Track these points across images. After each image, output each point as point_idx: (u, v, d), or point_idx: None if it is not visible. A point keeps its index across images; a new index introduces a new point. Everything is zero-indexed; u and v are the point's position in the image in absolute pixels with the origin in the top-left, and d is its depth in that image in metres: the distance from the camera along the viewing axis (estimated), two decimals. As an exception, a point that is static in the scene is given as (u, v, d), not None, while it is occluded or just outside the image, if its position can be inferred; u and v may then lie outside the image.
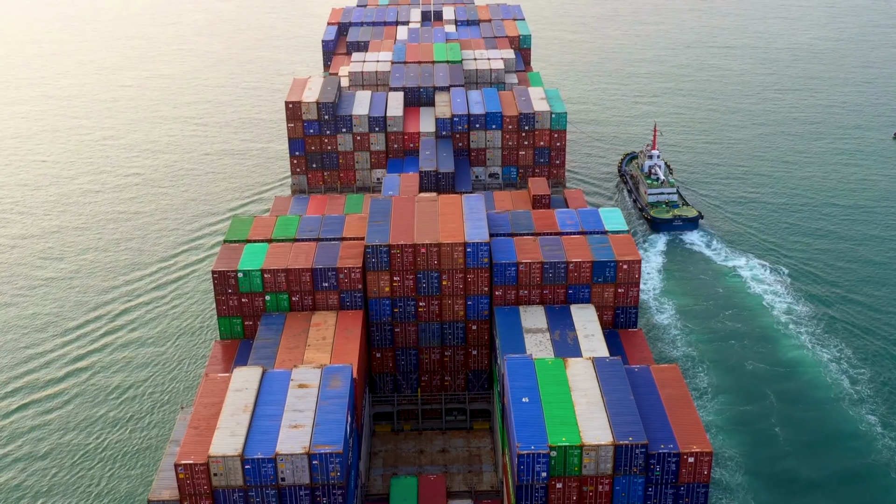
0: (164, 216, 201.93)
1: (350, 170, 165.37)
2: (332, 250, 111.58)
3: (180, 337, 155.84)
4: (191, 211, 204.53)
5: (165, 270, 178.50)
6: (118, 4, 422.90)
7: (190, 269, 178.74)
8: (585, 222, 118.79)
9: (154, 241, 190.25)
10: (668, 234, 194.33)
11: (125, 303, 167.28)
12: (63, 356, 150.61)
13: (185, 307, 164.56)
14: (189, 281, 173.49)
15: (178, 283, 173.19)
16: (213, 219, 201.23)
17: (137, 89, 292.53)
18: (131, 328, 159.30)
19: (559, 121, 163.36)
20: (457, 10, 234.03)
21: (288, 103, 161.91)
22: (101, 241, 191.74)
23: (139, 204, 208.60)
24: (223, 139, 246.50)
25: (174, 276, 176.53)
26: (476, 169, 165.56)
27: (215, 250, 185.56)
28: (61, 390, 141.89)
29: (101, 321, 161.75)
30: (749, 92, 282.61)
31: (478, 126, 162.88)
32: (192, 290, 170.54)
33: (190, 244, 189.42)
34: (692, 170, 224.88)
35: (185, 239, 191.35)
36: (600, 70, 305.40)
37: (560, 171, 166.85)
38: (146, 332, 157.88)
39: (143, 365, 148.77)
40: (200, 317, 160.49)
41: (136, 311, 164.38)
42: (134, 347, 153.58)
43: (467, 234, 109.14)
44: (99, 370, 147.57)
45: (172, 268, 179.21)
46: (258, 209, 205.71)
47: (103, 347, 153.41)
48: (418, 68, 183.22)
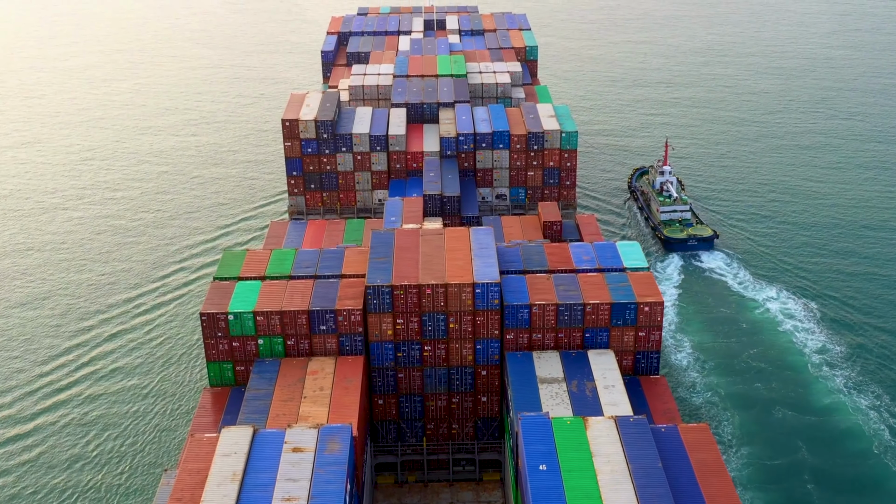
0: (153, 233, 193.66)
1: (350, 190, 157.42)
2: (331, 290, 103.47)
3: (166, 382, 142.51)
4: (182, 228, 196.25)
5: (154, 293, 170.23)
6: (107, 11, 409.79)
7: (180, 292, 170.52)
8: (602, 258, 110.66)
9: (141, 262, 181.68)
10: (683, 254, 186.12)
11: (106, 332, 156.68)
12: (32, 395, 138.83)
13: (173, 341, 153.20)
14: (179, 306, 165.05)
15: (167, 308, 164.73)
16: (208, 235, 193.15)
17: (127, 100, 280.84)
18: (112, 365, 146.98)
19: (570, 140, 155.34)
20: (460, 19, 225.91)
21: (285, 121, 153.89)
22: (83, 259, 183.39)
23: (125, 220, 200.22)
24: (217, 153, 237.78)
25: (164, 298, 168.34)
26: (482, 190, 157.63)
27: (208, 271, 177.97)
28: (23, 448, 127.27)
29: (80, 351, 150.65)
30: (762, 103, 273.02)
31: (484, 145, 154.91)
32: (182, 316, 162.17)
33: (181, 263, 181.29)
34: (704, 185, 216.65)
35: (176, 258, 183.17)
36: (607, 80, 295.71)
37: (570, 192, 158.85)
38: (128, 371, 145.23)
39: (124, 415, 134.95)
40: (188, 353, 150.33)
41: (117, 343, 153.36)
42: (112, 394, 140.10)
43: (476, 273, 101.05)
44: (71, 421, 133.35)
45: (161, 291, 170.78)
46: (254, 226, 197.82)
47: (77, 393, 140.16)
48: (421, 83, 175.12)
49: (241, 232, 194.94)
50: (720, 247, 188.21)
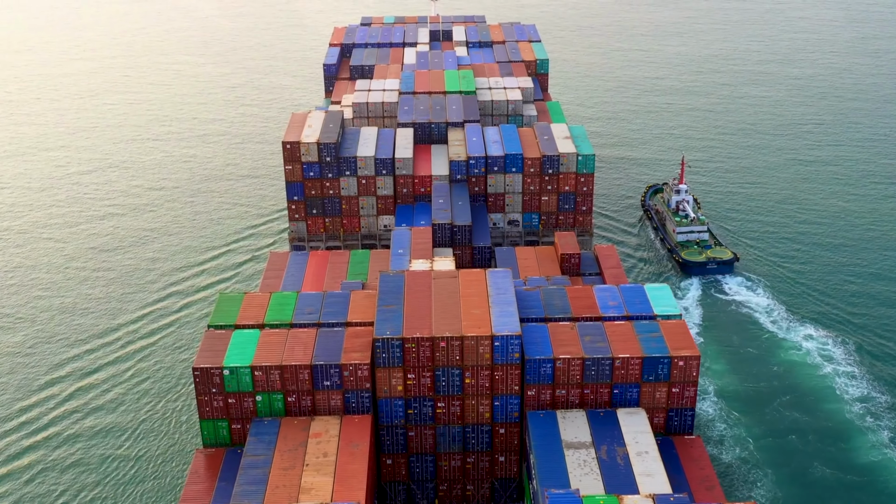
0: (145, 256, 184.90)
1: (354, 216, 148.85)
2: (335, 340, 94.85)
3: (152, 438, 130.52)
4: (177, 249, 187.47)
5: (146, 319, 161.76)
6: (99, 19, 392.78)
7: (172, 319, 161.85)
8: (630, 303, 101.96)
9: (132, 286, 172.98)
10: (702, 278, 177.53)
11: (86, 368, 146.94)
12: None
13: (161, 383, 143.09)
14: (170, 338, 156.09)
15: (156, 341, 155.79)
16: (204, 255, 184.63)
17: (118, 115, 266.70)
18: (93, 412, 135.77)
19: (586, 163, 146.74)
20: (468, 30, 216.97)
21: (286, 144, 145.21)
22: (69, 280, 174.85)
23: (115, 239, 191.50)
24: (213, 169, 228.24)
25: (156, 325, 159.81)
26: (494, 216, 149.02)
27: (203, 295, 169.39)
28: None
29: (44, 408, 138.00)
30: (781, 116, 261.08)
31: (496, 169, 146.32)
32: (172, 349, 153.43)
33: (173, 287, 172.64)
34: (720, 204, 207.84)
35: (168, 281, 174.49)
36: (616, 91, 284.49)
37: (587, 218, 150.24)
38: (110, 426, 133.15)
39: (106, 478, 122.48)
40: (177, 390, 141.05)
41: (100, 384, 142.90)
42: (92, 448, 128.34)
43: (495, 324, 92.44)
44: (43, 478, 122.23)
45: (152, 317, 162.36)
46: (252, 246, 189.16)
47: (52, 437, 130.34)
48: (429, 100, 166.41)
49: (240, 252, 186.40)
50: (741, 270, 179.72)
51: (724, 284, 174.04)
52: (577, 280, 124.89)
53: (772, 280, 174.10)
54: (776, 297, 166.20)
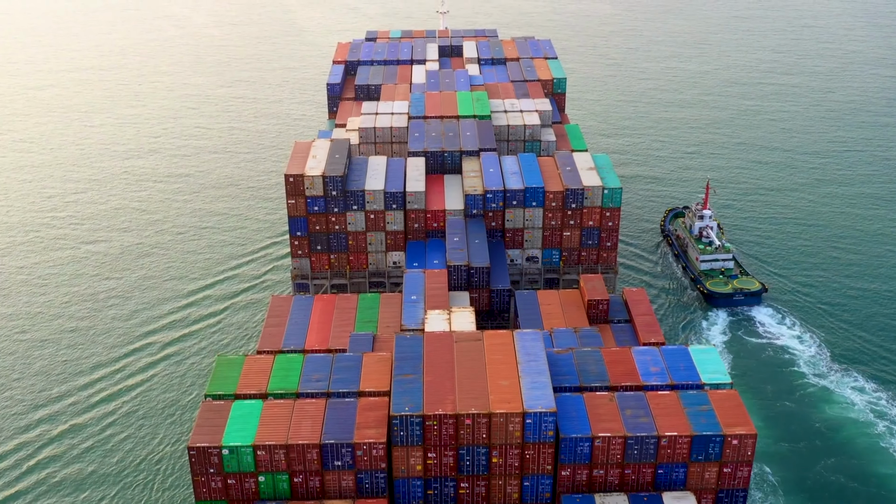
0: (136, 284, 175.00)
1: (361, 252, 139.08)
2: (347, 414, 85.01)
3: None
4: (171, 277, 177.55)
5: (141, 353, 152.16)
6: (88, 29, 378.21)
7: (168, 353, 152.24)
8: (674, 368, 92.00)
9: (119, 321, 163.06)
10: (728, 310, 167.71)
11: (62, 423, 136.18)
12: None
13: (150, 437, 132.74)
14: (161, 378, 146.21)
15: (150, 377, 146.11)
16: (199, 283, 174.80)
17: (108, 134, 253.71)
18: (67, 482, 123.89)
19: (612, 197, 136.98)
20: (479, 45, 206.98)
21: (288, 177, 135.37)
22: (49, 316, 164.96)
23: (101, 267, 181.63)
24: (208, 195, 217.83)
25: (149, 360, 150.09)
26: (512, 252, 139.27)
27: (198, 326, 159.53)
28: None
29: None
30: (807, 136, 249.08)
31: (515, 203, 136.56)
32: (166, 388, 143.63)
33: (169, 316, 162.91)
34: (744, 228, 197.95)
35: (157, 313, 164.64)
36: (633, 107, 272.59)
37: (611, 254, 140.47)
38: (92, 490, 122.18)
39: None
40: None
41: (80, 443, 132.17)
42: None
43: (526, 398, 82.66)
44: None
45: (147, 351, 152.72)
46: (252, 273, 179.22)
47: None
48: (440, 126, 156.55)
49: (238, 280, 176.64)
50: (769, 301, 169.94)
51: (753, 318, 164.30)
52: (606, 329, 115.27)
53: (804, 313, 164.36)
54: (811, 334, 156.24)
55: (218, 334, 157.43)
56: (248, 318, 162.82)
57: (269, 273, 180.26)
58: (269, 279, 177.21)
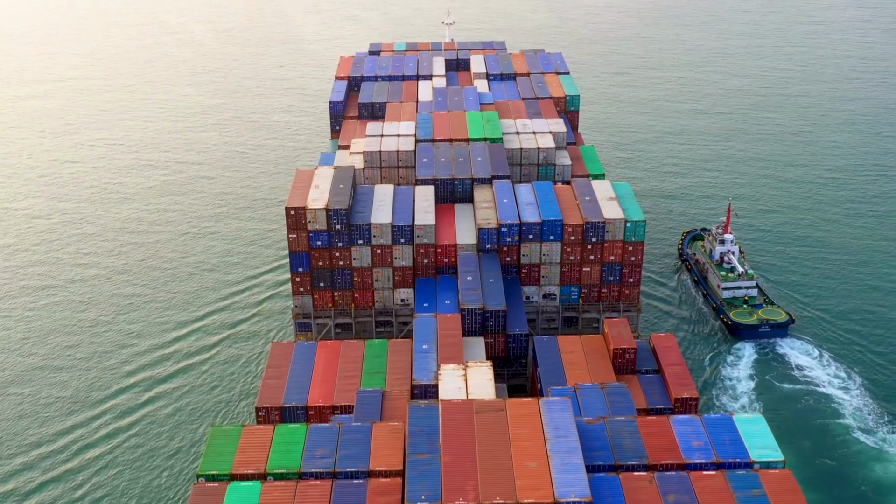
0: (125, 315, 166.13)
1: (367, 290, 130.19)
2: (356, 499, 75.92)
3: None
4: (164, 307, 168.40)
5: (131, 391, 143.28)
6: (81, 39, 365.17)
7: (161, 391, 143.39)
8: (718, 442, 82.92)
9: (100, 358, 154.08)
10: (754, 342, 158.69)
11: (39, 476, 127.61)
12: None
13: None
14: (148, 428, 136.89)
15: (137, 420, 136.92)
16: (193, 313, 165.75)
17: (99, 154, 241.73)
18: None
19: (635, 231, 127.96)
20: (487, 59, 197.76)
21: (289, 210, 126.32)
22: (35, 346, 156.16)
23: (84, 292, 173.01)
24: (207, 214, 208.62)
25: (140, 400, 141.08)
26: (528, 289, 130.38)
27: (191, 361, 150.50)
28: None
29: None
30: (834, 154, 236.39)
31: (531, 237, 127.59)
32: (156, 436, 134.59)
33: (150, 356, 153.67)
34: (764, 251, 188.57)
35: (143, 348, 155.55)
36: (646, 121, 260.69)
37: (634, 291, 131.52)
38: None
39: None
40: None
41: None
42: None
43: (557, 483, 73.73)
44: None
45: (138, 389, 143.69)
46: (250, 300, 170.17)
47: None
48: (450, 150, 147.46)
49: (236, 309, 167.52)
50: (796, 332, 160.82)
51: (782, 353, 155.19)
52: (633, 380, 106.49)
53: (836, 347, 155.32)
54: (847, 372, 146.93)
55: (209, 378, 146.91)
56: (246, 351, 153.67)
57: (267, 301, 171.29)
58: (267, 308, 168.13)
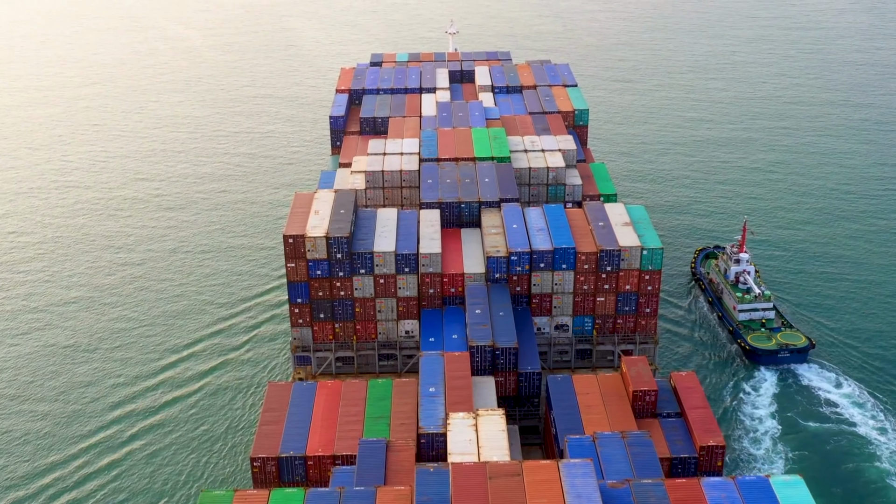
0: (110, 340, 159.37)
1: (370, 321, 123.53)
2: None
3: None
4: (151, 332, 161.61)
5: (120, 424, 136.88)
6: (76, 46, 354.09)
7: (151, 423, 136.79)
8: (754, 508, 75.97)
9: (90, 386, 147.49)
10: (773, 368, 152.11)
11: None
12: None
13: None
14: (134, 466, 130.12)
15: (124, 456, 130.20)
16: (184, 338, 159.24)
17: (90, 162, 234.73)
18: None
19: (652, 259, 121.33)
20: (492, 70, 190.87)
21: (287, 238, 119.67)
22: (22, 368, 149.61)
23: (66, 315, 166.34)
24: (201, 231, 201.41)
25: (125, 436, 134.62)
26: (539, 319, 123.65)
27: (181, 392, 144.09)
28: None
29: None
30: (852, 169, 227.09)
31: (542, 266, 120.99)
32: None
33: (137, 386, 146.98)
34: (779, 269, 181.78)
35: (131, 375, 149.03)
36: (655, 133, 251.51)
37: (650, 322, 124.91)
38: None
39: None
40: None
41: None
42: None
43: (580, 562, 66.65)
44: None
45: (126, 422, 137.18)
46: (246, 323, 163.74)
47: None
48: (456, 170, 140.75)
49: (231, 333, 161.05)
50: (816, 358, 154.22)
51: (804, 381, 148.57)
52: (654, 425, 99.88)
53: (859, 372, 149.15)
54: (876, 404, 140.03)
55: (199, 414, 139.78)
56: (244, 382, 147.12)
57: (266, 324, 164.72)
58: (264, 332, 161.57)
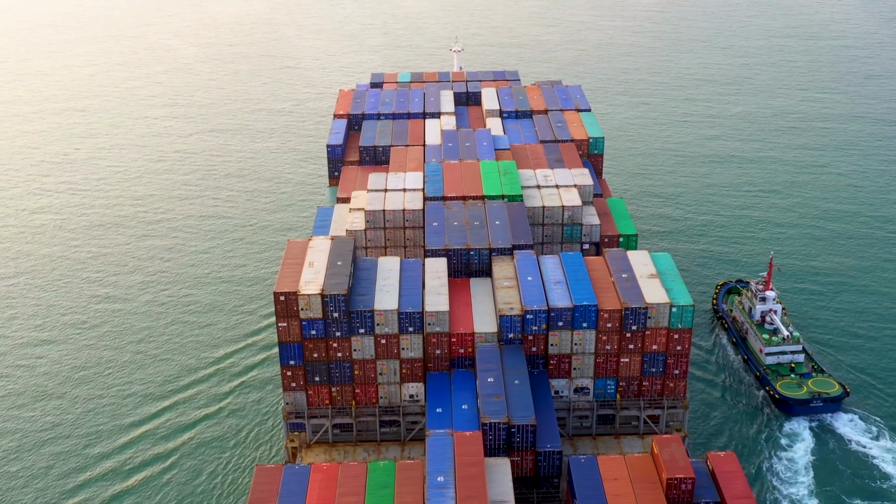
0: (79, 389, 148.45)
1: (370, 384, 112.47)
2: None
3: None
4: (128, 380, 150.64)
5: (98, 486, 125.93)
6: (63, 60, 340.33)
7: (135, 482, 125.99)
8: None
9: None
10: (806, 418, 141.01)
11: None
12: None
13: None
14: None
15: None
16: (164, 388, 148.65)
17: (71, 197, 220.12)
18: None
19: (682, 316, 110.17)
20: (500, 93, 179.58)
21: (278, 295, 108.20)
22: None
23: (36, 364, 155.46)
24: (189, 262, 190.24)
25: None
26: (556, 382, 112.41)
27: (165, 448, 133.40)
28: None
29: None
30: (885, 195, 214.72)
31: (561, 324, 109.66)
32: None
33: (112, 443, 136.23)
34: (805, 305, 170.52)
35: (104, 430, 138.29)
36: (671, 155, 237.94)
37: (679, 384, 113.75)
38: None
39: None
40: None
41: None
42: None
43: None
44: None
45: (107, 480, 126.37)
46: (235, 367, 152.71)
47: None
48: (463, 211, 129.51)
49: (221, 378, 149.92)
50: (851, 407, 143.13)
51: (842, 435, 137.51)
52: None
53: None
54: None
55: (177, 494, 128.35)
56: (224, 454, 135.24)
57: (257, 368, 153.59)
58: (257, 377, 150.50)
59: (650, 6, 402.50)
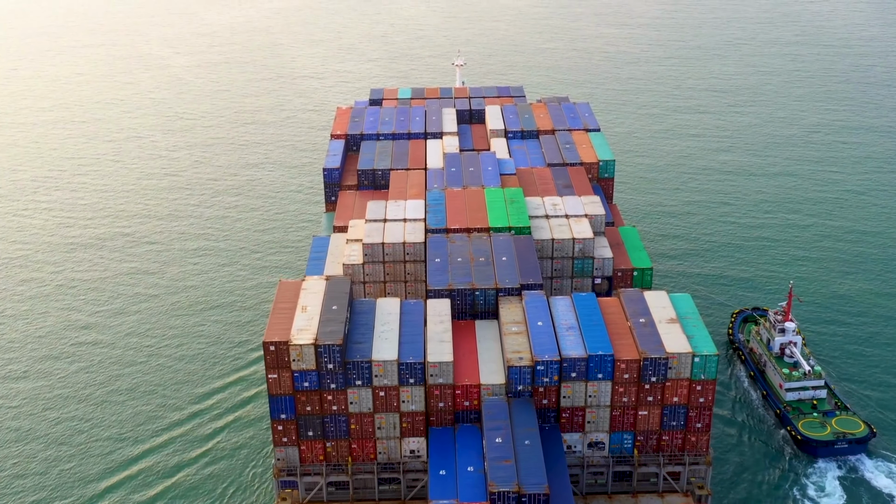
0: (54, 433, 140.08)
1: (368, 439, 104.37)
2: None
3: None
4: (106, 424, 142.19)
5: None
6: (50, 72, 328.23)
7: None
8: None
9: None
10: (831, 462, 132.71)
11: None
12: None
13: None
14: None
15: None
16: (145, 429, 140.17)
17: (54, 218, 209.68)
18: None
19: (705, 367, 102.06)
20: (504, 111, 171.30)
21: (268, 345, 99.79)
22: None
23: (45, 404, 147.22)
24: (176, 288, 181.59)
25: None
26: (569, 436, 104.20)
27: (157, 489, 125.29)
28: None
29: None
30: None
31: (574, 375, 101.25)
32: None
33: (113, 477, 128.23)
34: (826, 334, 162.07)
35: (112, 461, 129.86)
36: (681, 173, 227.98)
37: (702, 439, 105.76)
38: None
39: None
40: None
41: None
42: None
43: None
44: None
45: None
46: (226, 402, 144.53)
47: None
48: (468, 245, 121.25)
49: (211, 414, 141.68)
50: (878, 449, 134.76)
51: (867, 477, 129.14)
52: None
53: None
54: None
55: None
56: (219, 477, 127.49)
57: (249, 404, 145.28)
58: (246, 415, 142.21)
59: (656, 16, 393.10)
